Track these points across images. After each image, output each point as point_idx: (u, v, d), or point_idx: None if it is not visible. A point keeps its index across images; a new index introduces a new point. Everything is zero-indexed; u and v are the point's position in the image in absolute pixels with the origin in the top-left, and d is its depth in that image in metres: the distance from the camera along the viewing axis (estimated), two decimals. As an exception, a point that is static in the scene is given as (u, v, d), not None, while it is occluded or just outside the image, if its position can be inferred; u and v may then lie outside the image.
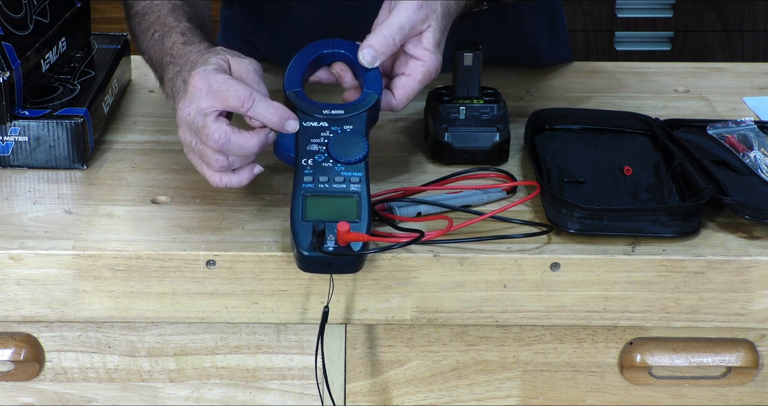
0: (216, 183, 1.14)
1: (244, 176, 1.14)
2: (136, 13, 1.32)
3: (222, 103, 1.11)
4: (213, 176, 1.14)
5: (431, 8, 1.19)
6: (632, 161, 1.26)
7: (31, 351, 1.16)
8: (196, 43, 1.22)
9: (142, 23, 1.30)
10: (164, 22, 1.27)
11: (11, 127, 1.25)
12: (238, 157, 1.12)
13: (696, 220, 1.15)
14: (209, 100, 1.11)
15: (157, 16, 1.28)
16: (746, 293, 1.13)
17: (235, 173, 1.14)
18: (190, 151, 1.15)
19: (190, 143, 1.14)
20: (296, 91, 1.18)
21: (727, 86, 1.54)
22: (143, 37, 1.30)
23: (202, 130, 1.11)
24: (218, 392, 1.20)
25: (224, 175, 1.14)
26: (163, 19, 1.28)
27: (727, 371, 1.19)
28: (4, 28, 1.25)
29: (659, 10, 3.00)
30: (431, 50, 1.19)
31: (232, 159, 1.12)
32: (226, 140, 1.10)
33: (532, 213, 1.19)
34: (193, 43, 1.22)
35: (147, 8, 1.31)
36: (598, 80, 1.56)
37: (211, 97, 1.11)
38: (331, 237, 1.06)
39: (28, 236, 1.13)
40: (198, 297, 1.13)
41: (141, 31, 1.30)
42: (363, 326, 1.17)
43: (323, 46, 1.22)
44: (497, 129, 1.28)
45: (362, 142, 1.14)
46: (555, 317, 1.14)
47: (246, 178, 1.14)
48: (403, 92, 1.20)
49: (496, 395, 1.20)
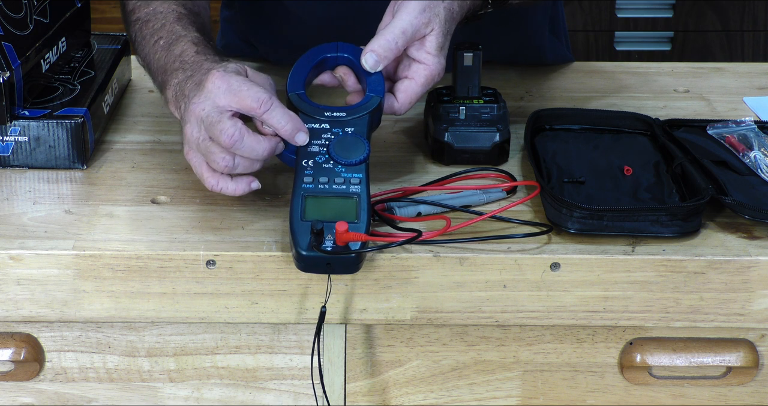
0: (211, 186, 1.14)
1: (240, 187, 1.14)
2: (138, 19, 1.32)
3: (239, 103, 1.11)
4: (211, 178, 1.14)
5: (434, 12, 1.19)
6: (632, 161, 1.26)
7: (31, 351, 1.16)
8: (210, 54, 1.22)
9: (144, 29, 1.30)
10: (171, 29, 1.27)
11: (11, 127, 1.25)
12: (243, 161, 1.12)
13: (696, 220, 1.15)
14: (226, 99, 1.12)
15: (162, 23, 1.28)
16: (746, 293, 1.13)
17: (232, 180, 1.14)
18: (192, 149, 1.14)
19: (196, 140, 1.13)
20: (299, 93, 1.18)
21: (727, 86, 1.54)
22: (144, 42, 1.29)
23: (216, 126, 1.10)
24: (218, 392, 1.20)
25: (222, 179, 1.13)
26: (169, 27, 1.27)
27: (727, 371, 1.19)
28: (4, 28, 1.25)
29: (659, 10, 3.00)
30: (434, 54, 1.19)
31: (238, 161, 1.12)
32: (239, 138, 1.10)
33: (532, 213, 1.19)
34: (207, 53, 1.22)
35: (150, 15, 1.30)
36: (598, 80, 1.56)
37: (229, 96, 1.11)
38: (330, 237, 1.06)
39: (28, 236, 1.13)
40: (198, 297, 1.13)
41: (142, 36, 1.30)
42: (363, 326, 1.17)
43: (327, 49, 1.23)
44: (497, 129, 1.28)
45: (363, 144, 1.14)
46: (555, 317, 1.14)
47: (241, 189, 1.14)
48: (405, 96, 1.20)
49: (496, 395, 1.20)
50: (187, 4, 1.32)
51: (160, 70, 1.24)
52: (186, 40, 1.24)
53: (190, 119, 1.13)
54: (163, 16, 1.29)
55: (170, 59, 1.23)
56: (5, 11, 1.26)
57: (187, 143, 1.15)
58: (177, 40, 1.24)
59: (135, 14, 1.33)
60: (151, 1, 1.32)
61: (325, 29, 1.49)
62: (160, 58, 1.25)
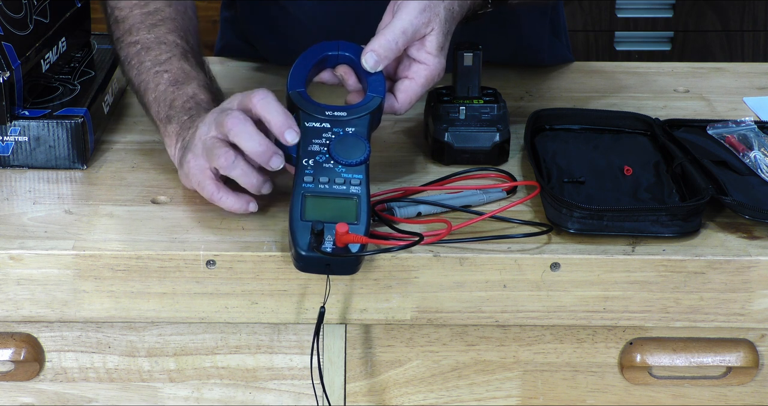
0: (210, 193, 1.14)
1: (238, 203, 1.15)
2: (136, 42, 1.30)
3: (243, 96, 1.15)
4: (211, 185, 1.14)
5: (434, 12, 1.19)
6: (632, 161, 1.26)
7: (31, 351, 1.16)
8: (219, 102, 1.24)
9: (143, 55, 1.29)
10: (181, 67, 1.27)
11: (11, 127, 1.25)
12: (242, 164, 1.12)
13: (696, 220, 1.15)
14: (235, 101, 1.16)
15: (168, 57, 1.28)
16: (746, 293, 1.13)
17: (233, 194, 1.14)
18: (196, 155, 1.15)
19: (204, 135, 1.14)
20: (299, 91, 1.18)
21: (727, 86, 1.54)
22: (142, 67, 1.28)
23: (224, 117, 1.12)
24: (218, 392, 1.20)
25: (222, 189, 1.14)
26: (177, 63, 1.28)
27: (727, 371, 1.19)
28: (4, 28, 1.25)
29: (659, 10, 3.00)
30: (434, 54, 1.19)
31: (239, 160, 1.12)
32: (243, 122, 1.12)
33: (532, 213, 1.19)
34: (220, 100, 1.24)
35: (152, 43, 1.30)
36: (598, 80, 1.56)
37: (239, 97, 1.15)
38: (330, 238, 1.06)
39: (28, 236, 1.13)
40: (198, 297, 1.13)
41: (140, 61, 1.29)
42: (363, 326, 1.17)
43: (328, 48, 1.22)
44: (497, 129, 1.28)
45: (363, 144, 1.14)
46: (555, 317, 1.14)
47: (238, 206, 1.14)
48: (405, 96, 1.20)
49: (496, 395, 1.20)
50: (184, 35, 1.33)
51: (163, 102, 1.25)
52: (196, 83, 1.26)
53: (202, 123, 1.16)
54: (168, 49, 1.29)
55: (179, 96, 1.24)
56: (5, 11, 1.26)
57: (191, 150, 1.16)
58: (187, 80, 1.26)
59: (132, 36, 1.32)
60: (152, 28, 1.31)
61: (324, 30, 1.49)
62: (167, 92, 1.25)
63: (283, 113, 1.13)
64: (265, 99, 1.13)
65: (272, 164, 1.12)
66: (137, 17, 1.33)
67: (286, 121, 1.13)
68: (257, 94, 1.14)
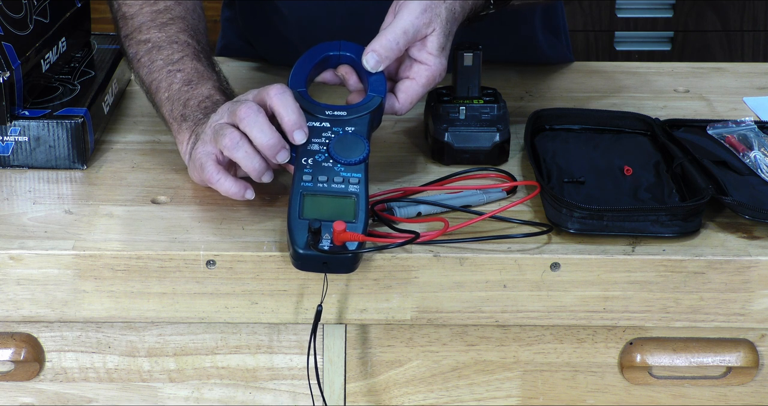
0: (210, 174, 1.14)
1: (236, 188, 1.14)
2: (147, 41, 1.31)
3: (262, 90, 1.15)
4: (213, 169, 1.14)
5: (435, 12, 1.19)
6: (632, 161, 1.26)
7: (31, 351, 1.16)
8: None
9: (154, 53, 1.29)
10: (194, 67, 1.28)
11: (11, 127, 1.25)
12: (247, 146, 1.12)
13: (696, 220, 1.15)
14: (252, 93, 1.17)
15: (181, 56, 1.28)
16: (746, 293, 1.13)
17: (232, 179, 1.14)
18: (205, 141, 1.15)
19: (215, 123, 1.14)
20: (300, 91, 1.19)
21: (727, 86, 1.54)
22: (153, 66, 1.28)
23: (238, 105, 1.13)
24: (218, 392, 1.20)
25: (223, 174, 1.14)
26: (190, 64, 1.28)
27: (727, 371, 1.19)
28: (4, 28, 1.25)
29: (659, 10, 3.00)
30: (435, 54, 1.19)
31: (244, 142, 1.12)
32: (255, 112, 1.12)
33: (532, 213, 1.19)
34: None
35: (164, 42, 1.30)
36: (598, 80, 1.56)
37: (255, 90, 1.16)
38: (327, 236, 1.06)
39: (28, 236, 1.13)
40: (198, 297, 1.13)
41: (151, 60, 1.29)
42: (363, 327, 1.17)
43: (329, 48, 1.23)
44: (497, 129, 1.28)
45: (363, 143, 1.14)
46: (555, 317, 1.14)
47: (235, 191, 1.14)
48: (406, 96, 1.20)
49: (496, 395, 1.20)
50: (194, 34, 1.33)
51: (177, 101, 1.25)
52: (211, 84, 1.27)
53: (215, 113, 1.17)
54: (180, 49, 1.29)
55: (194, 96, 1.25)
56: (5, 11, 1.26)
57: (201, 139, 1.17)
58: (201, 81, 1.26)
59: (142, 34, 1.32)
60: (162, 27, 1.31)
61: (323, 30, 1.49)
62: (181, 91, 1.25)
63: (298, 112, 1.13)
64: (283, 94, 1.13)
65: (279, 158, 1.13)
66: (147, 15, 1.33)
67: (298, 120, 1.13)
68: (275, 88, 1.14)
